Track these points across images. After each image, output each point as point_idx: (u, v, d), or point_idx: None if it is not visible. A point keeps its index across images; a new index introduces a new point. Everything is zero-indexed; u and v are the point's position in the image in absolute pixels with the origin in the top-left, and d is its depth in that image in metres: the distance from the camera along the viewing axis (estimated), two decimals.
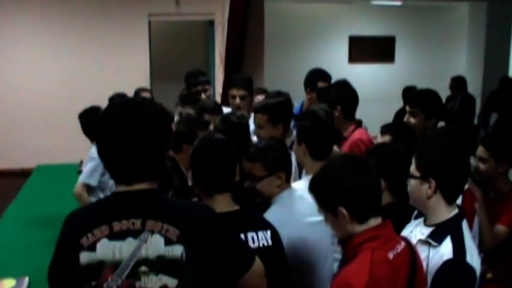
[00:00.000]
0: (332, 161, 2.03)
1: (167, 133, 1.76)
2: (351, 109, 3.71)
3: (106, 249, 1.62)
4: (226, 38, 7.63)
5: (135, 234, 1.63)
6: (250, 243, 2.10)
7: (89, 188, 3.79)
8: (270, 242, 2.16)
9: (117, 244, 1.62)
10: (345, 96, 3.69)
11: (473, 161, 3.11)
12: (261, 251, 2.05)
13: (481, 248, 2.95)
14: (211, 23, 8.40)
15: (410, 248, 1.96)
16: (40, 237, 3.60)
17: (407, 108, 3.55)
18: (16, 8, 7.95)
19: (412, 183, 2.20)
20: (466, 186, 2.69)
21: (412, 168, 2.20)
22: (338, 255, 2.52)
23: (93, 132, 3.57)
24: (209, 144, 2.25)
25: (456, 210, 2.17)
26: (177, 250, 1.62)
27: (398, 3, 10.37)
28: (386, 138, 3.46)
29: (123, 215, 1.64)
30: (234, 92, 4.22)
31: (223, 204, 2.15)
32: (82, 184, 3.77)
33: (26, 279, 2.90)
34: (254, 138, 3.51)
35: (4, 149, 7.98)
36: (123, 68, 8.11)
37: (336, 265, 2.43)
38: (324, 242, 2.52)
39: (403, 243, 1.95)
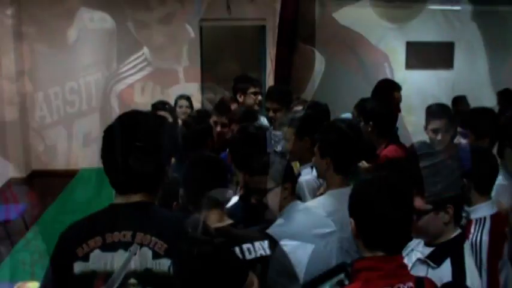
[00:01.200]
0: (377, 177, 1.93)
1: (162, 146, 1.77)
2: (384, 126, 3.61)
3: (98, 259, 1.67)
4: (276, 44, 7.52)
5: (125, 246, 1.67)
6: (247, 255, 2.14)
7: None
8: (268, 252, 2.21)
9: (109, 255, 1.67)
10: (379, 112, 3.59)
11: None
12: (260, 260, 2.15)
13: None
14: (262, 28, 8.31)
15: None
16: None
17: (458, 128, 3.41)
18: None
19: (426, 218, 2.05)
20: (495, 210, 2.63)
21: (419, 203, 2.02)
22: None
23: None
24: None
25: (458, 231, 2.10)
26: (165, 264, 1.65)
27: (457, 7, 10.05)
28: None
29: (116, 227, 1.69)
30: (268, 104, 4.25)
31: (215, 219, 2.19)
32: None
33: None
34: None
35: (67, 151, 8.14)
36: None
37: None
38: (333, 252, 2.52)
39: (410, 284, 1.78)
